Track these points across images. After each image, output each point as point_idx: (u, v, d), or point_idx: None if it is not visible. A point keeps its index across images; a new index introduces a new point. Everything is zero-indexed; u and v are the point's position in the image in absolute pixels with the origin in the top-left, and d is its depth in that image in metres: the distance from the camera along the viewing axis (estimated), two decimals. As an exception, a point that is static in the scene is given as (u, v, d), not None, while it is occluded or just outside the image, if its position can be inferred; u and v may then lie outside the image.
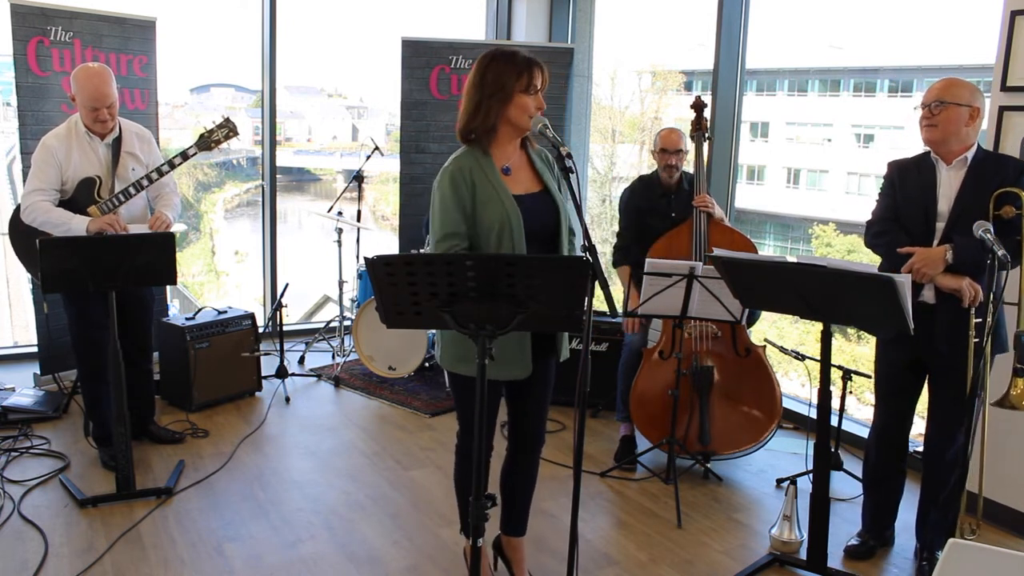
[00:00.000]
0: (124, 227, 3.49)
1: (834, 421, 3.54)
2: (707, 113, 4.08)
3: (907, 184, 2.96)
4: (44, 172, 3.46)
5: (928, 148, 2.93)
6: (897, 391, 3.08)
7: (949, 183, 2.88)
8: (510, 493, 2.75)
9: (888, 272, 2.54)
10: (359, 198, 5.57)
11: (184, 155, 3.61)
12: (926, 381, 3.06)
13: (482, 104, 2.39)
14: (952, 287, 2.81)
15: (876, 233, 3.03)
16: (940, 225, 2.88)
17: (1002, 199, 2.77)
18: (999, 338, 2.87)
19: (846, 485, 3.75)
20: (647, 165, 9.89)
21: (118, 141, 3.61)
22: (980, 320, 2.80)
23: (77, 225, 3.43)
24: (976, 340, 2.79)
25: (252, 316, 4.68)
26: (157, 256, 3.25)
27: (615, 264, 4.08)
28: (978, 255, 2.73)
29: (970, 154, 2.85)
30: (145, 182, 3.56)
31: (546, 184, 2.51)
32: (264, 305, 6.05)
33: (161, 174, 3.59)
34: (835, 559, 3.11)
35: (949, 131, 2.82)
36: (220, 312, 4.61)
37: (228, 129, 3.64)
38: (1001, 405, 2.76)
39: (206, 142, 3.64)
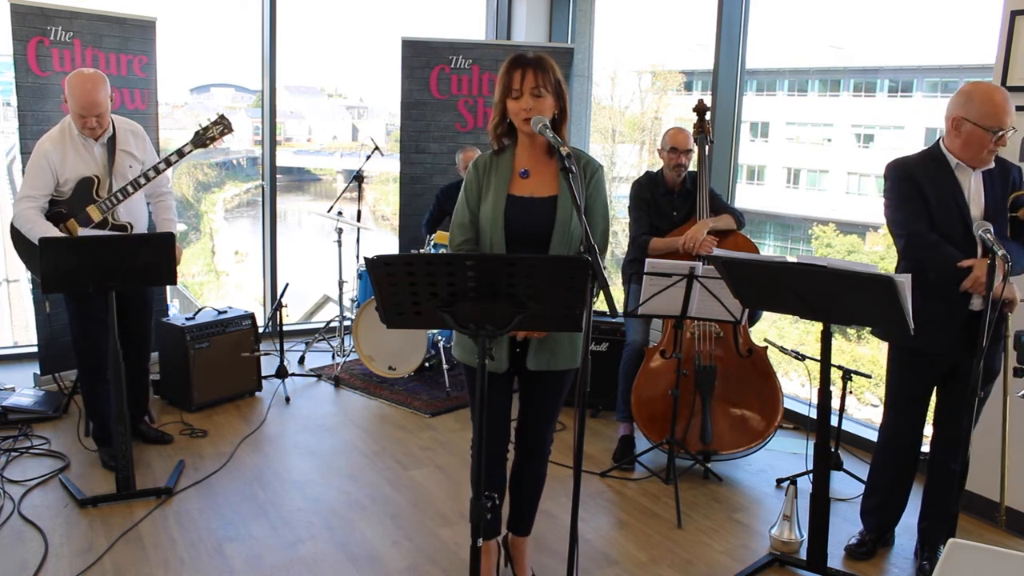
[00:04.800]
0: None
1: (834, 421, 3.54)
2: (709, 116, 4.09)
3: (933, 187, 2.85)
4: (36, 178, 3.47)
5: (947, 152, 2.86)
6: (921, 399, 3.04)
7: (976, 188, 2.85)
8: (517, 494, 2.77)
9: (945, 285, 2.53)
10: (359, 198, 5.57)
11: (180, 152, 3.62)
12: (933, 387, 3.06)
13: (494, 106, 2.52)
14: (1007, 296, 2.73)
15: (924, 245, 2.84)
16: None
17: (1017, 201, 2.79)
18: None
19: (846, 485, 3.75)
20: (647, 165, 9.89)
21: (112, 140, 3.60)
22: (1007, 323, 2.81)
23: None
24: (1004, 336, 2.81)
25: (252, 316, 4.68)
26: (157, 256, 3.25)
27: (642, 247, 3.94)
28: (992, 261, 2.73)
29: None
30: (143, 180, 3.57)
31: (560, 192, 2.49)
32: (264, 305, 6.05)
33: (158, 172, 3.60)
34: (835, 559, 3.11)
35: None
36: (220, 312, 4.61)
37: (223, 126, 3.65)
38: None
39: (201, 139, 3.65)
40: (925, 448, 3.23)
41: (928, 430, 3.16)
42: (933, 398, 3.09)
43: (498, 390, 2.53)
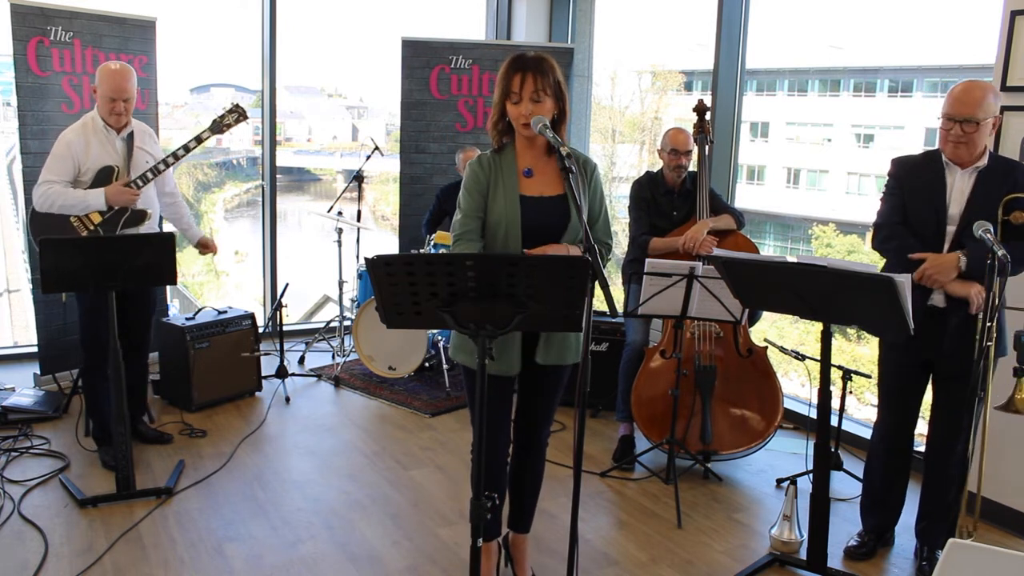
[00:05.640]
0: (138, 195, 3.65)
1: (834, 421, 3.54)
2: (709, 116, 4.09)
3: (916, 185, 2.92)
4: (58, 165, 3.55)
5: (941, 152, 2.88)
6: (903, 394, 3.06)
7: (961, 187, 2.85)
8: (517, 490, 2.77)
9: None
10: (359, 198, 5.57)
11: (198, 139, 3.74)
12: (929, 384, 3.06)
13: (493, 106, 2.51)
14: (961, 294, 2.78)
15: (885, 237, 2.98)
16: (951, 229, 2.85)
17: (1011, 204, 2.77)
18: (1000, 342, 2.86)
19: (846, 485, 3.75)
20: (647, 165, 9.88)
21: (131, 137, 3.71)
22: (988, 325, 2.79)
23: (95, 199, 3.55)
24: (989, 344, 2.78)
25: (252, 316, 4.68)
26: (157, 256, 3.26)
27: (642, 247, 3.94)
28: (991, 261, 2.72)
29: (984, 159, 2.84)
30: (162, 166, 3.69)
31: (566, 191, 2.49)
32: (264, 305, 6.05)
33: (177, 158, 3.72)
34: (835, 559, 3.11)
35: (978, 147, 2.80)
36: (220, 312, 4.61)
37: (238, 114, 3.80)
38: (1005, 409, 2.75)
39: (218, 126, 3.79)
40: (920, 448, 3.24)
41: (924, 429, 3.16)
42: (928, 398, 3.10)
43: (501, 393, 2.53)
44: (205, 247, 4.03)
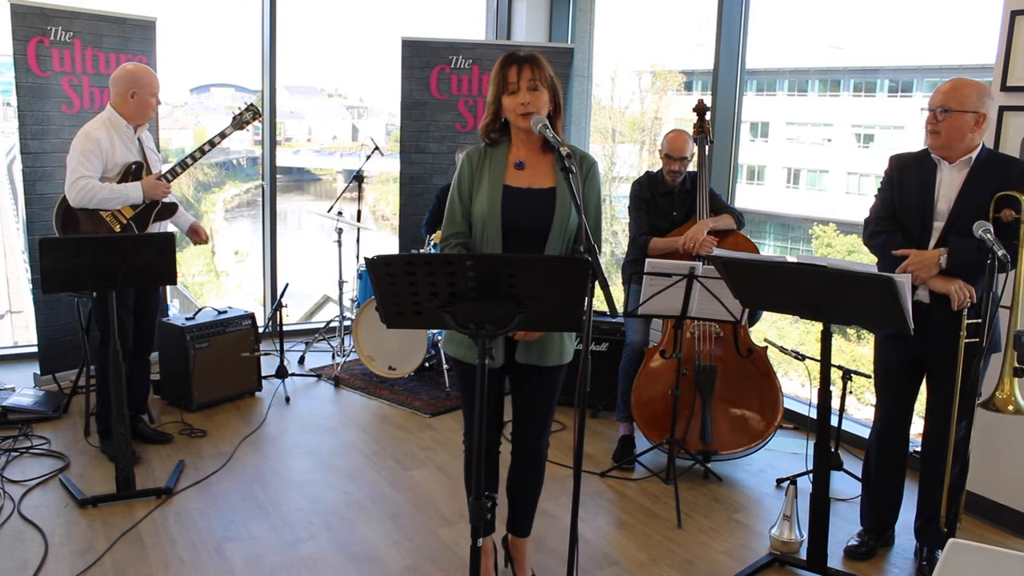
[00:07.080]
0: (170, 188, 3.76)
1: (834, 421, 3.54)
2: (709, 116, 4.09)
3: (907, 181, 2.95)
4: (90, 160, 3.57)
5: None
6: (895, 389, 3.08)
7: (950, 183, 2.86)
8: (515, 495, 2.76)
9: (883, 271, 2.54)
10: (359, 198, 5.57)
11: (223, 134, 3.89)
12: (924, 380, 3.07)
13: (488, 106, 2.50)
14: (942, 290, 2.81)
15: (872, 232, 3.02)
16: (938, 224, 2.87)
17: (1002, 202, 2.76)
18: (991, 339, 2.86)
19: (846, 485, 3.75)
20: (647, 165, 9.88)
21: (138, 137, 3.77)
22: (973, 321, 2.80)
23: (134, 192, 3.63)
24: (975, 340, 2.78)
25: (252, 316, 4.68)
26: (157, 257, 3.27)
27: (642, 247, 3.93)
28: (972, 258, 2.73)
29: (974, 155, 2.83)
30: (189, 160, 3.81)
31: (559, 185, 2.47)
32: (264, 305, 6.05)
33: (203, 152, 3.86)
34: (835, 559, 3.11)
35: (953, 138, 2.80)
36: (220, 312, 4.61)
37: (253, 111, 3.99)
38: (986, 407, 2.75)
39: (239, 122, 3.97)
40: (916, 447, 3.23)
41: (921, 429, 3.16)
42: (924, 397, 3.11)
43: (489, 382, 2.52)
44: (196, 234, 4.02)
